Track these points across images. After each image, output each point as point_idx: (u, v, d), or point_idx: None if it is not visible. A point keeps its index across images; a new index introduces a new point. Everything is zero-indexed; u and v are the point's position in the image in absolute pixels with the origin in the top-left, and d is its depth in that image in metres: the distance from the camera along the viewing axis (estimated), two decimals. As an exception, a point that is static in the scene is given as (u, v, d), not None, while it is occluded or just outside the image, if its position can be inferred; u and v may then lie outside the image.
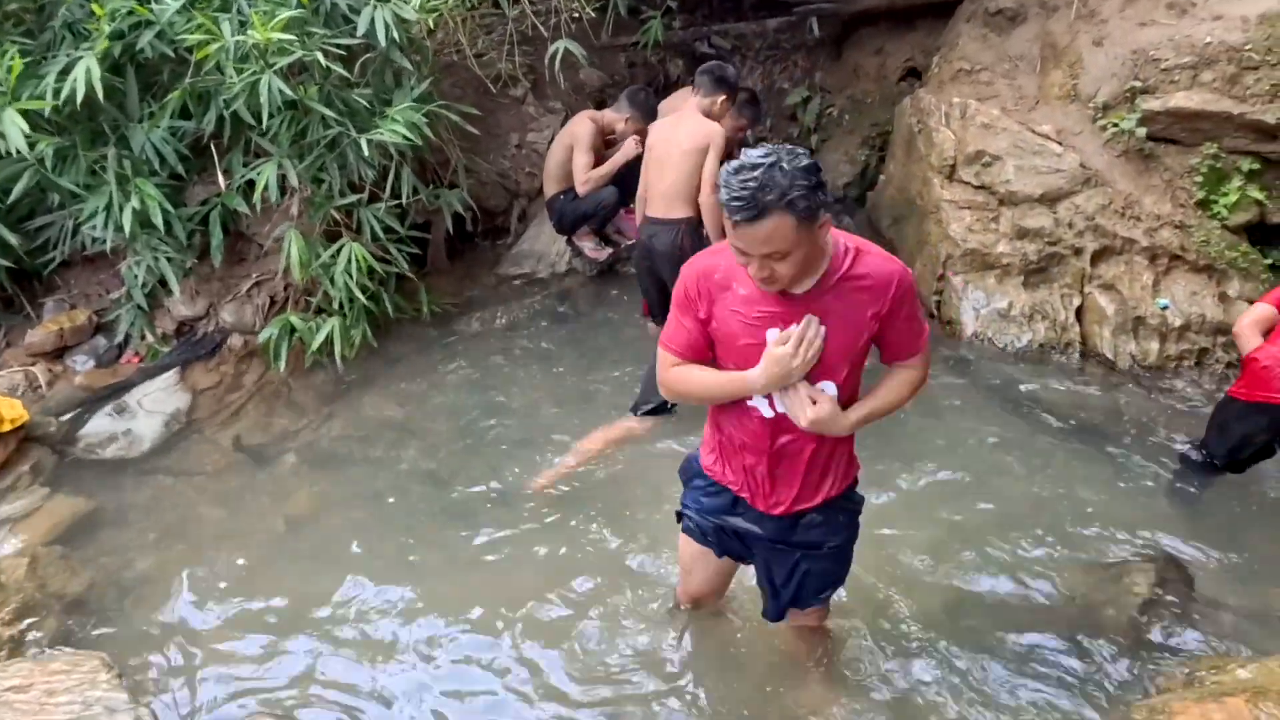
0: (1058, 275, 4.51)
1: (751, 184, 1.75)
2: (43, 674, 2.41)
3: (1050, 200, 4.51)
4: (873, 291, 1.96)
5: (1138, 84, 4.42)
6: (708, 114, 4.23)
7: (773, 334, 1.97)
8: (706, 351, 2.08)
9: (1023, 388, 4.15)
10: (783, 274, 1.87)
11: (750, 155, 1.80)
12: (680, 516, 2.43)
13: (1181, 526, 3.29)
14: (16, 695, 2.33)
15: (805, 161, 1.80)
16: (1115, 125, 4.47)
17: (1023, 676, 2.68)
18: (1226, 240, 4.36)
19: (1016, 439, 3.82)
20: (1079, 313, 4.45)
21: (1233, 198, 4.33)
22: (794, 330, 1.94)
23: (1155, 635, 2.76)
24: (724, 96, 4.28)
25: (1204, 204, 4.40)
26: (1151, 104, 4.37)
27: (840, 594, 2.61)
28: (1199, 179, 4.38)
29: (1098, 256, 4.46)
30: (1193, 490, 3.43)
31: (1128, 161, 4.52)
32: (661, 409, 3.84)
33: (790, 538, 2.24)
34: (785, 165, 1.77)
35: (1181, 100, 4.30)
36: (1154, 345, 4.30)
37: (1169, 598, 2.85)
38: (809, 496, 2.17)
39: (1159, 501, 3.41)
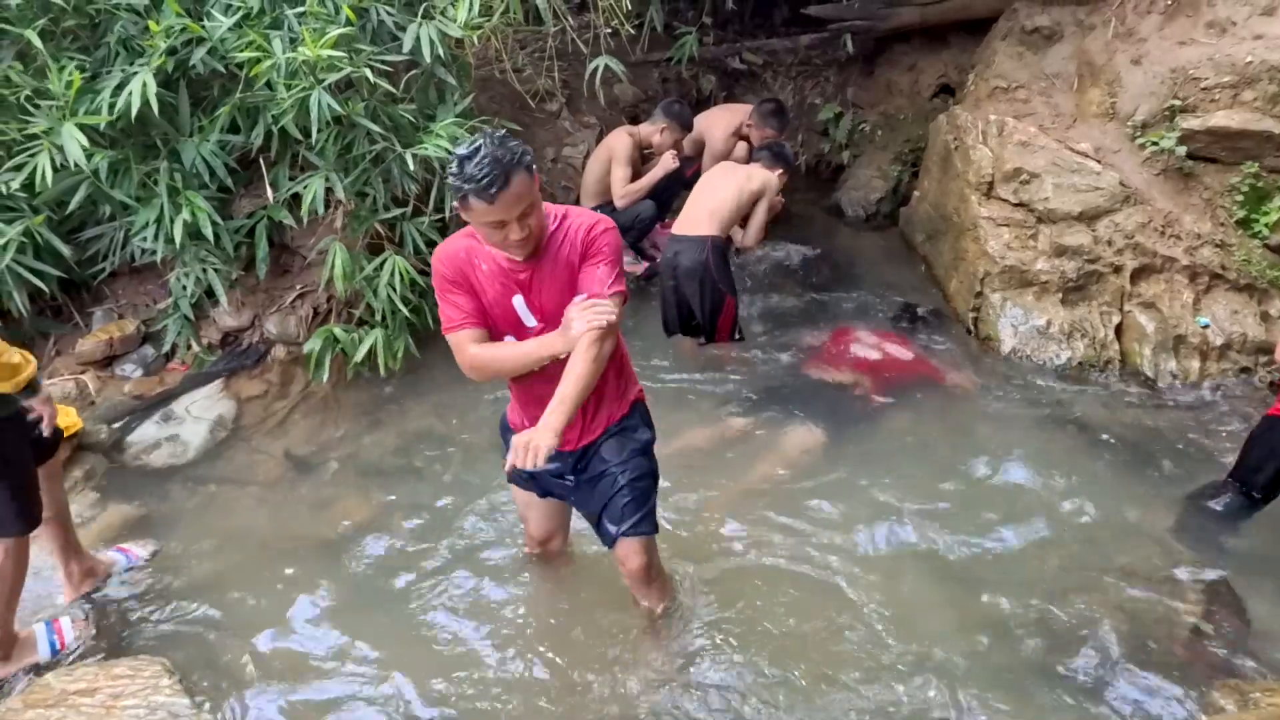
0: (1097, 293, 4.50)
1: (490, 160, 2.02)
2: (107, 678, 2.46)
3: (1089, 218, 4.51)
4: (570, 241, 2.25)
5: (1177, 103, 4.43)
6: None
7: (518, 300, 2.27)
8: (486, 318, 2.29)
9: (1062, 405, 4.14)
10: (536, 228, 2.16)
11: (465, 147, 2.06)
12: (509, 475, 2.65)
13: (1228, 546, 3.27)
14: (83, 699, 2.37)
15: (507, 134, 2.11)
16: (1154, 144, 4.47)
17: (1073, 698, 2.67)
18: (1268, 259, 4.35)
19: (1057, 457, 3.81)
20: (1118, 330, 4.44)
21: (1274, 217, 4.33)
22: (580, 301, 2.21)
23: (1208, 656, 2.74)
24: (782, 170, 4.64)
25: (1244, 223, 4.39)
26: (1191, 123, 4.38)
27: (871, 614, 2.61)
28: (1239, 198, 4.37)
29: (1137, 274, 4.46)
30: (1231, 518, 3.39)
31: (1167, 180, 4.52)
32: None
33: (583, 468, 2.52)
34: (497, 140, 2.06)
35: (1222, 119, 4.31)
36: (1195, 364, 4.29)
37: (1221, 619, 2.84)
38: (592, 429, 2.46)
39: (1205, 522, 3.39)
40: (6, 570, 2.68)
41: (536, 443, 2.09)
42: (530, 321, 2.32)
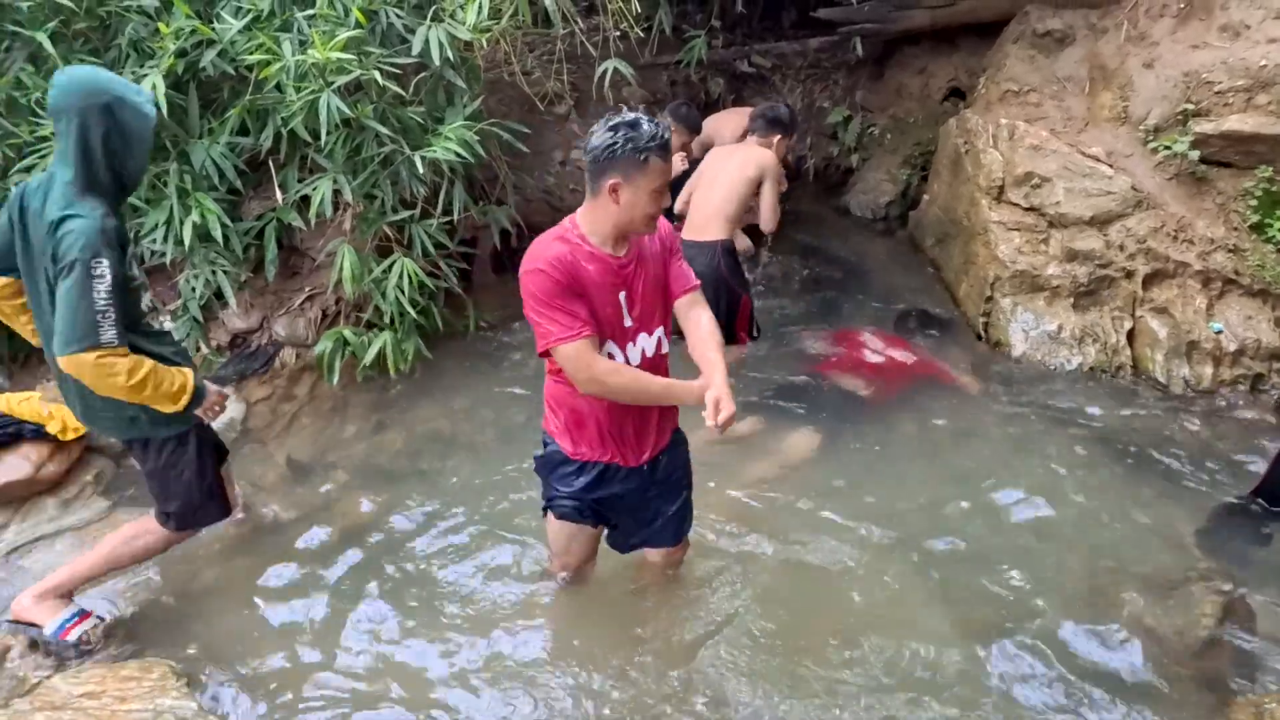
0: (1109, 298, 4.48)
1: (657, 122, 2.18)
2: (114, 680, 2.46)
3: (1101, 223, 4.49)
4: (658, 237, 2.39)
5: (1190, 106, 4.40)
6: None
7: (621, 296, 2.31)
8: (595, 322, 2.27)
9: (1074, 411, 4.11)
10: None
11: (621, 118, 2.17)
12: (548, 509, 2.66)
13: (1247, 559, 3.24)
14: (89, 701, 2.37)
15: None
16: (1167, 148, 4.44)
17: (1084, 711, 2.64)
18: (1282, 264, 4.32)
19: (1068, 463, 3.78)
20: (1130, 336, 4.41)
21: (1288, 221, 4.29)
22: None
23: (1223, 667, 2.71)
24: (779, 136, 4.45)
25: (1258, 227, 4.36)
26: (1204, 127, 4.35)
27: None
28: (1253, 202, 4.34)
29: (1149, 279, 4.43)
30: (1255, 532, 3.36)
31: (1179, 184, 4.49)
32: None
33: (651, 481, 2.59)
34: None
35: (1235, 123, 4.27)
36: (1207, 370, 4.25)
37: (1237, 628, 2.81)
38: (661, 438, 2.55)
39: (1219, 529, 3.36)
40: (146, 547, 2.94)
41: (726, 398, 2.21)
42: (627, 321, 2.34)
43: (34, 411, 3.57)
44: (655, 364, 2.43)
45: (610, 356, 2.34)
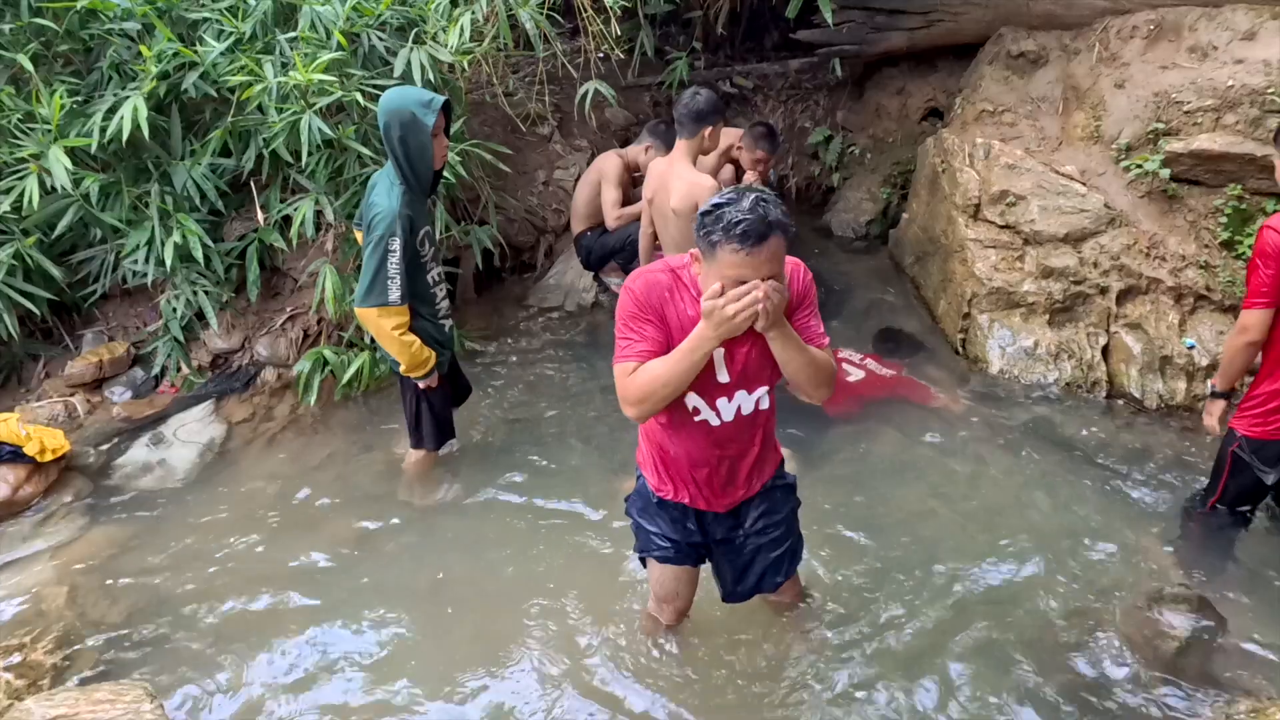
0: (1083, 314, 4.53)
1: (753, 212, 1.88)
2: (88, 703, 2.44)
3: (1075, 240, 4.55)
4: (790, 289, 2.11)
5: (1160, 126, 4.48)
6: (701, 151, 4.02)
7: (718, 351, 2.11)
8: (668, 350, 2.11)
9: (1050, 426, 4.15)
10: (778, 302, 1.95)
11: (727, 194, 1.95)
12: (645, 557, 2.60)
13: (1213, 565, 3.28)
14: (62, 724, 2.35)
15: (775, 196, 1.99)
16: (1139, 166, 4.52)
17: (1056, 717, 2.66)
18: (1252, 281, 4.37)
19: (1044, 477, 3.82)
20: (1105, 351, 4.46)
21: (1257, 238, 4.35)
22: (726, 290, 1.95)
23: (1192, 674, 2.74)
24: (710, 128, 3.94)
25: (1228, 244, 4.42)
26: (1174, 146, 4.42)
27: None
28: (1223, 220, 4.41)
29: (1123, 296, 4.49)
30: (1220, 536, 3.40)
31: (1151, 202, 4.57)
32: None
33: (738, 529, 2.51)
34: (765, 197, 1.93)
35: (1205, 142, 4.35)
36: (1181, 385, 4.30)
37: (1205, 637, 2.83)
38: (751, 488, 2.44)
39: (1190, 540, 3.40)
40: (418, 469, 3.76)
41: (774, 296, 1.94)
42: (723, 377, 2.19)
43: (11, 433, 3.57)
44: (753, 420, 2.30)
45: (695, 410, 2.22)
